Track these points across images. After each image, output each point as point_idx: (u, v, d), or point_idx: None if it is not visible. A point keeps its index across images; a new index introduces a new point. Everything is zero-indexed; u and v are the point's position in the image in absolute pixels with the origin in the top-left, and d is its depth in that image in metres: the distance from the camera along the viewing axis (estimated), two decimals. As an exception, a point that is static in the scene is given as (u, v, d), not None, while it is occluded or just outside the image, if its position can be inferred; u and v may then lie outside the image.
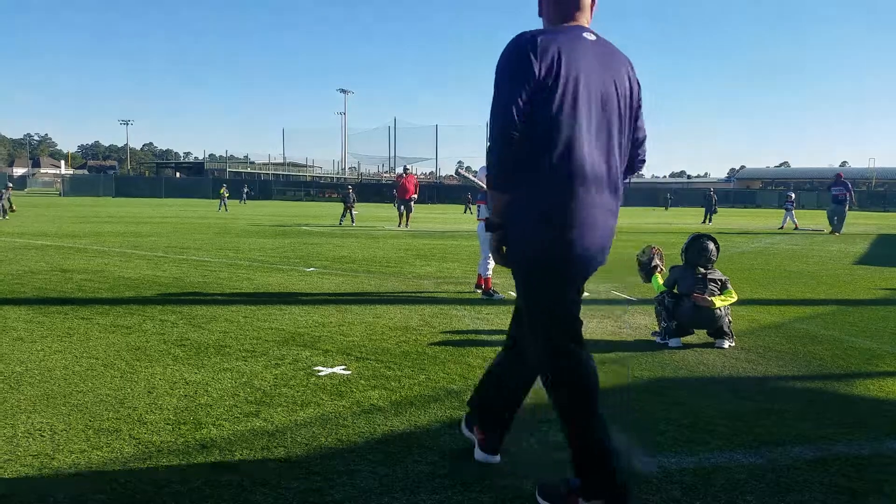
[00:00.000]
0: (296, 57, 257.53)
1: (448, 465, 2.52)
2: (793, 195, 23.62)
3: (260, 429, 2.86)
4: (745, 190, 73.38)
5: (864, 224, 24.90)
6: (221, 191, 33.38)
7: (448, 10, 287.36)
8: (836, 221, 18.19)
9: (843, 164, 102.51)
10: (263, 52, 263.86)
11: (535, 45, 1.97)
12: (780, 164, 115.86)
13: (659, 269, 4.95)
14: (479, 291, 6.73)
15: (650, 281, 4.99)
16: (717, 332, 4.57)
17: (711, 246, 4.71)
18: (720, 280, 4.67)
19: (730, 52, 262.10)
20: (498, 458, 2.53)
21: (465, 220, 23.51)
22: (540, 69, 1.95)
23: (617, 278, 6.83)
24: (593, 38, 2.12)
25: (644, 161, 2.35)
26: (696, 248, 4.71)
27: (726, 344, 4.53)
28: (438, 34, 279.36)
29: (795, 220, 21.67)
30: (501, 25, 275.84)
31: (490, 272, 6.56)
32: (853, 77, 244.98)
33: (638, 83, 2.21)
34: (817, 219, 25.90)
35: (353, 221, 20.72)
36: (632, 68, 2.19)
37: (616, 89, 2.10)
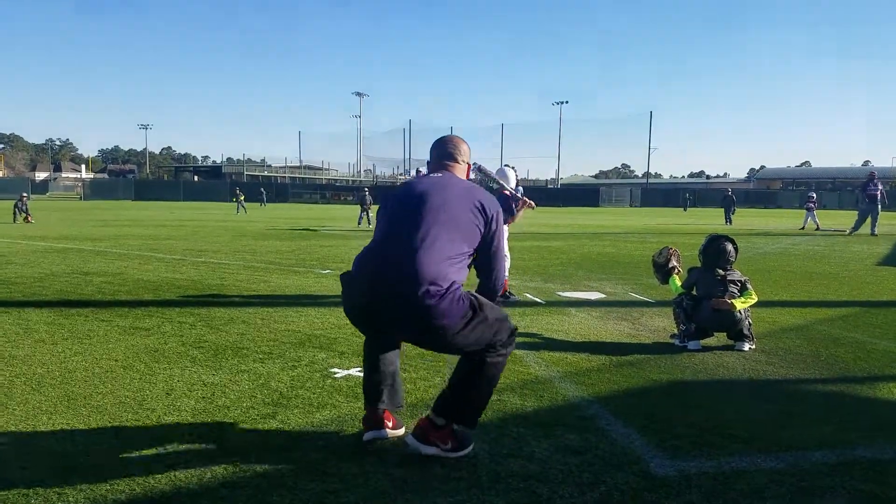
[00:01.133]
0: (312, 61, 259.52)
1: (463, 468, 2.51)
2: (814, 195, 23.30)
3: (277, 430, 2.88)
4: (765, 190, 72.45)
5: (888, 224, 24.42)
6: (235, 196, 33.92)
7: (463, 14, 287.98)
8: (870, 221, 17.58)
9: (866, 163, 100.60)
10: (280, 56, 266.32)
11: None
12: (801, 164, 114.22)
13: (676, 271, 4.89)
14: None
15: (667, 282, 4.94)
16: (738, 335, 4.50)
17: (730, 247, 4.65)
18: (740, 281, 4.60)
19: (748, 51, 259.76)
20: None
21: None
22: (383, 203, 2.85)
23: (634, 280, 6.76)
24: (441, 174, 2.77)
25: (493, 270, 2.73)
26: (714, 250, 4.65)
27: (746, 346, 4.47)
28: (453, 37, 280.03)
29: (817, 220, 21.36)
30: (514, 28, 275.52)
31: (506, 274, 6.49)
32: (877, 74, 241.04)
33: (490, 204, 2.67)
34: (839, 219, 25.50)
35: (369, 223, 20.78)
36: (477, 192, 2.71)
37: (446, 202, 2.60)
